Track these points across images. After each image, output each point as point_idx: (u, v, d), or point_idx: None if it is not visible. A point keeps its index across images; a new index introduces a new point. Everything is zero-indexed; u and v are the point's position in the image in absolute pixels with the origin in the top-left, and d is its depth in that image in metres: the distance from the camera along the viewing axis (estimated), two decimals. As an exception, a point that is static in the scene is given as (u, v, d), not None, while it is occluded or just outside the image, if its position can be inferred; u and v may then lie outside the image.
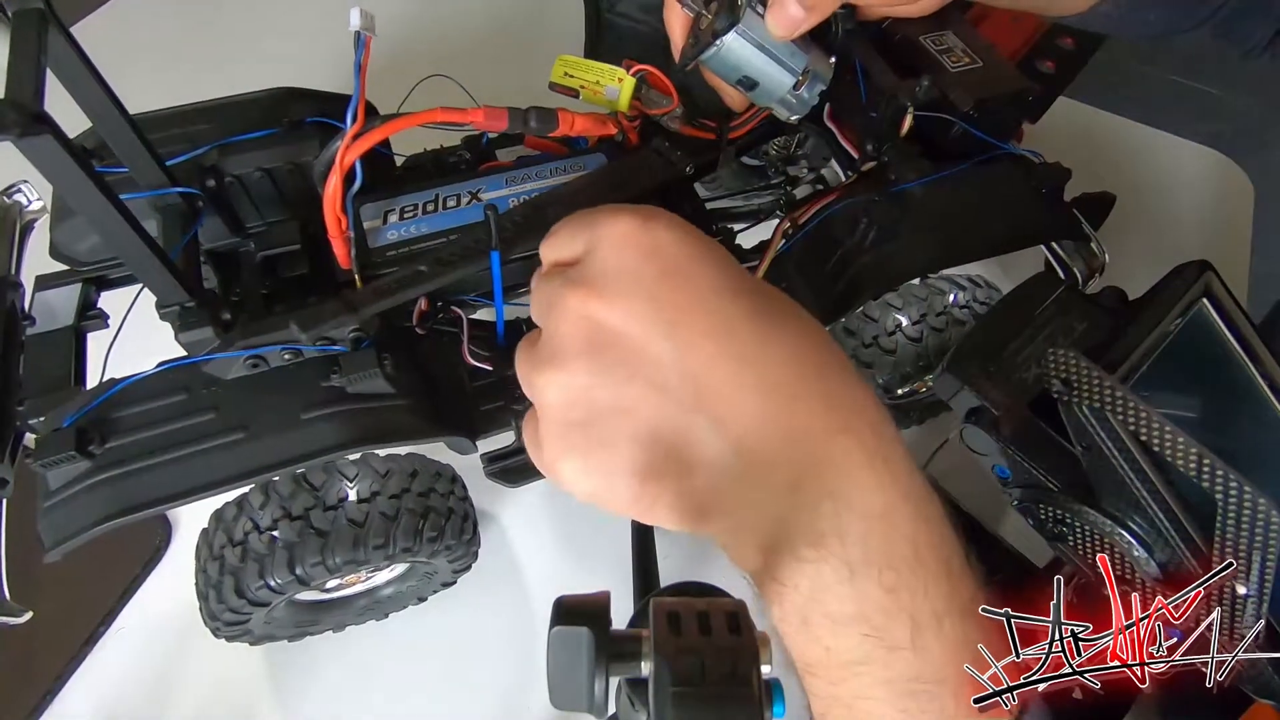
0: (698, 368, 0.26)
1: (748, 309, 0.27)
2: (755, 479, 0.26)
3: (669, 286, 0.27)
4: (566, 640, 0.27)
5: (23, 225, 0.46)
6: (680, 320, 0.27)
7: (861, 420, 0.27)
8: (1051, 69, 0.55)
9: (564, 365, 0.27)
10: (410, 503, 0.48)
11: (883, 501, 0.26)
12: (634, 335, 0.27)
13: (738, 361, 0.26)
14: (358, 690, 0.57)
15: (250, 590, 0.45)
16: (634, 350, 0.27)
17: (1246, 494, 0.26)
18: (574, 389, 0.27)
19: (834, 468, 0.26)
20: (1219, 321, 0.37)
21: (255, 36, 0.97)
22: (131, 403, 0.40)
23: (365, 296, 0.39)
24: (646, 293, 0.27)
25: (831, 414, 0.26)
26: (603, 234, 0.28)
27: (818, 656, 0.26)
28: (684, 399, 0.26)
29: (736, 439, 0.26)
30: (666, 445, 0.27)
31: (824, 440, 0.26)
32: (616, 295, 0.27)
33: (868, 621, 0.25)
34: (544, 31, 0.94)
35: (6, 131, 0.28)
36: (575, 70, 0.48)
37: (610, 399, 0.27)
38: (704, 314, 0.27)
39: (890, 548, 0.25)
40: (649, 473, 0.27)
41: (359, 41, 0.39)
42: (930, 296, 0.59)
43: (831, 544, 0.25)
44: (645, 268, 0.27)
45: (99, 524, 0.38)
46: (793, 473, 0.26)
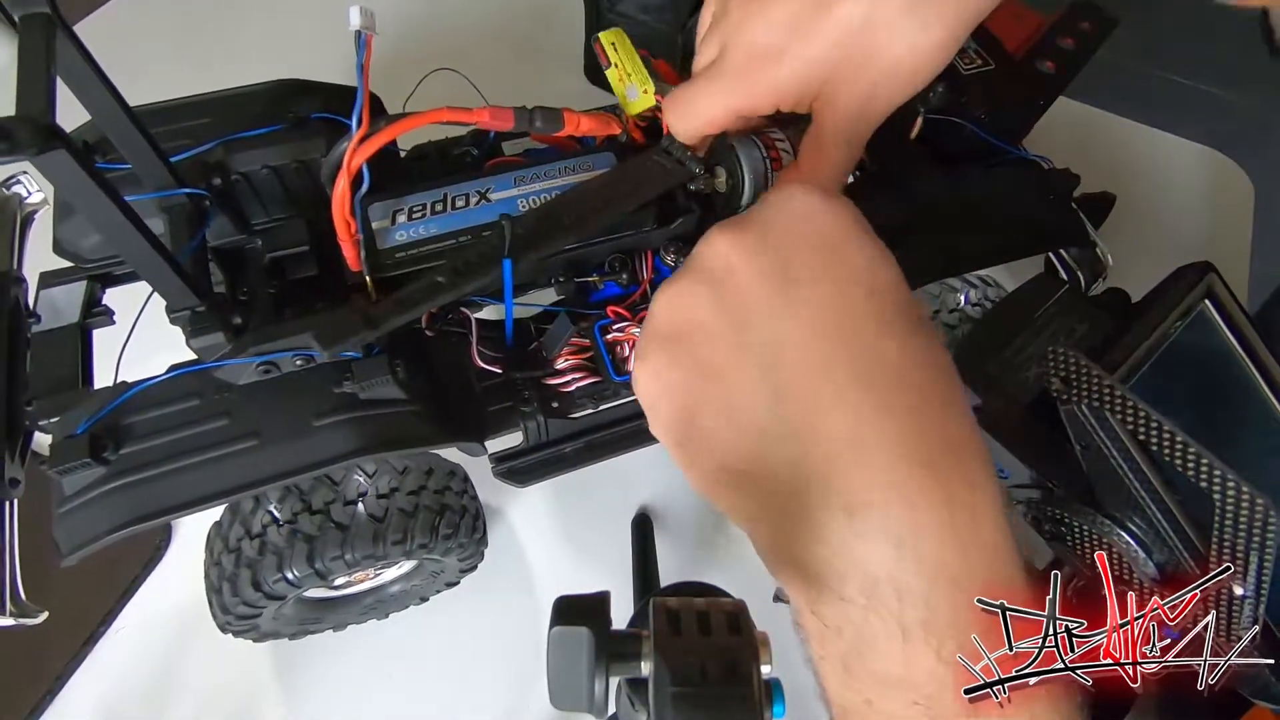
0: (790, 332, 0.25)
1: (877, 307, 0.26)
2: (804, 475, 0.24)
3: (811, 257, 0.26)
4: (566, 640, 0.27)
5: (23, 217, 0.46)
6: (800, 286, 0.26)
7: (955, 463, 0.23)
8: (1052, 69, 0.55)
9: (684, 282, 0.28)
10: (427, 500, 0.49)
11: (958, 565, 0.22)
12: (745, 283, 0.26)
13: (834, 347, 0.25)
14: (358, 690, 0.58)
15: (267, 583, 0.45)
16: (739, 295, 0.26)
17: (1245, 494, 0.26)
18: (676, 302, 0.28)
19: (906, 506, 0.22)
20: (1221, 323, 0.37)
21: (257, 32, 0.96)
22: (144, 408, 0.40)
23: (384, 311, 0.39)
24: (785, 253, 0.27)
25: (919, 441, 0.23)
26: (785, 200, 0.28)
27: (856, 706, 0.24)
28: (761, 354, 0.25)
29: (797, 424, 0.24)
30: (722, 384, 0.26)
31: (900, 467, 0.23)
32: (755, 246, 0.27)
33: (918, 690, 0.22)
34: (547, 27, 0.94)
35: (23, 151, 0.28)
36: (622, 50, 0.47)
37: (698, 321, 0.27)
38: (827, 291, 0.26)
39: (956, 618, 0.22)
40: (697, 402, 0.27)
41: (360, 41, 0.38)
42: (944, 294, 0.59)
43: (886, 596, 0.22)
44: (802, 234, 0.27)
45: (115, 530, 0.38)
46: (853, 490, 0.23)
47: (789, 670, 0.29)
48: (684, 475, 0.28)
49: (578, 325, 0.46)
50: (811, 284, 0.26)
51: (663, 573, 0.60)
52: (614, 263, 0.47)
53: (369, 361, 0.40)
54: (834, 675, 0.24)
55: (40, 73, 0.30)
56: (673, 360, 0.27)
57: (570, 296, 0.48)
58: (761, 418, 0.25)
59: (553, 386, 0.47)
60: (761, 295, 0.26)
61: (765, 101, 0.38)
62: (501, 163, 0.49)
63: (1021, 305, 0.42)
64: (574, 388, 0.47)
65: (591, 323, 0.47)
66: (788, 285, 0.26)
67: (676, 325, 0.28)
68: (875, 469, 0.23)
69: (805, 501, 0.24)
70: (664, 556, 0.62)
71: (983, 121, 0.49)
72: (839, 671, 0.24)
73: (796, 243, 0.27)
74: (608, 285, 0.48)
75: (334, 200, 0.40)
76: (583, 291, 0.48)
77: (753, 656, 0.27)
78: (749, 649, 0.27)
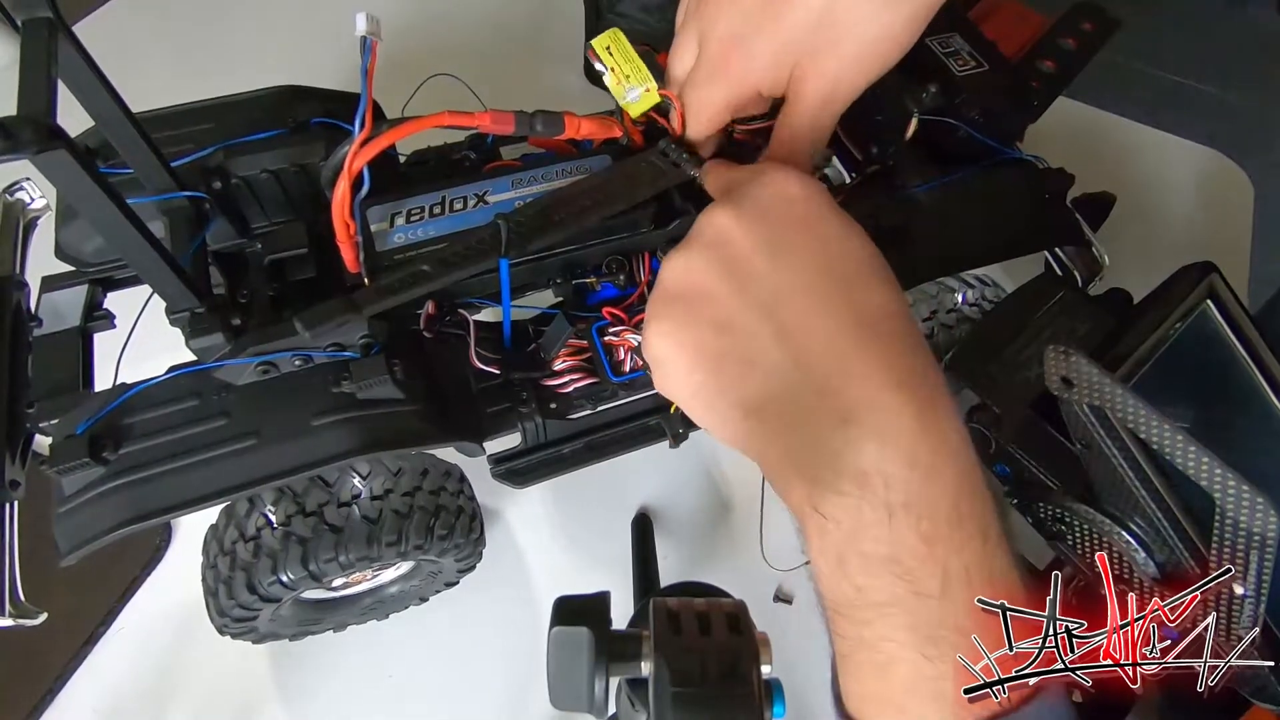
0: (784, 286, 0.30)
1: (853, 268, 0.31)
2: (807, 400, 0.28)
3: (794, 229, 0.31)
4: (566, 640, 0.27)
5: (25, 223, 0.47)
6: (788, 251, 0.31)
7: (922, 382, 0.28)
8: (1052, 69, 0.55)
9: (687, 250, 0.32)
10: (422, 500, 0.48)
11: (929, 457, 0.27)
12: (746, 248, 0.31)
13: (821, 297, 0.30)
14: (358, 690, 0.58)
15: (262, 585, 0.45)
16: (740, 259, 0.31)
17: (1245, 493, 0.26)
18: (683, 270, 0.32)
19: (887, 414, 0.27)
20: (1222, 324, 0.37)
21: (256, 35, 0.97)
22: (143, 408, 0.40)
23: (369, 296, 0.39)
24: (772, 226, 0.31)
25: (894, 368, 0.28)
26: (767, 177, 0.33)
27: (848, 596, 0.27)
28: (763, 304, 0.30)
29: (796, 354, 0.29)
30: (734, 336, 0.30)
31: (881, 387, 0.28)
32: (749, 219, 0.32)
33: (900, 564, 0.26)
34: (546, 30, 0.94)
35: (24, 149, 0.28)
36: (618, 52, 0.47)
37: (705, 285, 0.31)
38: (811, 255, 0.31)
39: (931, 500, 0.26)
40: (710, 354, 0.31)
41: (365, 46, 0.38)
42: (941, 294, 0.59)
43: (875, 483, 0.26)
44: (785, 210, 0.32)
45: (115, 530, 0.38)
46: (844, 406, 0.28)
47: (789, 670, 0.29)
48: (699, 421, 0.32)
49: (575, 327, 0.46)
50: (797, 248, 0.31)
51: (663, 573, 0.60)
52: (611, 264, 0.47)
53: (367, 361, 0.40)
54: (829, 570, 0.27)
55: (42, 75, 0.30)
56: (684, 320, 0.31)
57: (568, 298, 0.48)
58: (768, 357, 0.29)
59: (551, 388, 0.47)
60: (757, 260, 0.31)
61: (746, 89, 0.41)
62: (499, 167, 0.49)
63: (1022, 305, 0.42)
64: (572, 389, 0.47)
65: (589, 324, 0.47)
66: (778, 251, 0.31)
67: (685, 289, 0.32)
68: (861, 388, 0.28)
69: (806, 419, 0.28)
70: (664, 556, 0.62)
71: (977, 122, 0.49)
72: (834, 564, 0.27)
73: (781, 217, 0.32)
74: (605, 287, 0.48)
75: (334, 202, 0.40)
76: (580, 293, 0.48)
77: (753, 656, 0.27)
78: (749, 649, 0.27)
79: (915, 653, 0.26)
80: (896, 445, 0.27)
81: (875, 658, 0.27)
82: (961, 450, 0.28)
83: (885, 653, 0.27)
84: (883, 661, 0.27)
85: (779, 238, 0.31)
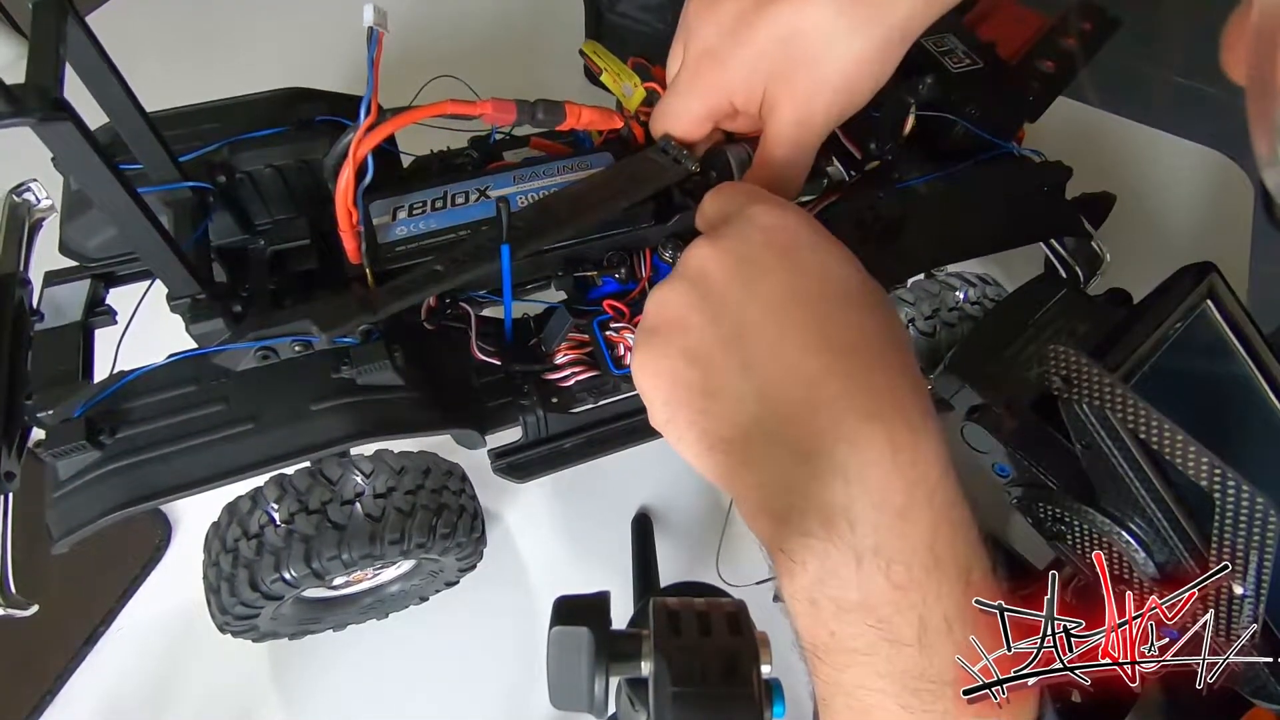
0: (753, 315, 0.30)
1: (830, 292, 0.30)
2: (771, 431, 0.28)
3: (770, 258, 0.31)
4: (566, 640, 0.27)
5: (31, 223, 0.47)
6: (761, 281, 0.30)
7: (897, 413, 0.27)
8: (1051, 69, 0.55)
9: (669, 284, 0.33)
10: (424, 499, 0.48)
11: (902, 498, 0.26)
12: (720, 281, 0.31)
13: (792, 325, 0.29)
14: (358, 690, 0.58)
15: (265, 583, 0.45)
16: (714, 292, 0.31)
17: (1245, 493, 0.26)
18: (662, 303, 0.33)
19: (854, 450, 0.26)
20: (1223, 324, 0.37)
21: (258, 34, 0.97)
22: (142, 394, 0.40)
23: (383, 297, 0.39)
24: (749, 259, 0.31)
25: (865, 398, 0.27)
26: (750, 210, 0.33)
27: (823, 640, 0.26)
28: (728, 335, 0.30)
29: (761, 384, 0.28)
30: (702, 368, 0.30)
31: (849, 419, 0.26)
32: (728, 252, 0.32)
33: (873, 613, 0.25)
34: (546, 31, 0.94)
35: (28, 114, 0.28)
36: (603, 57, 0.50)
37: (680, 317, 0.32)
38: (783, 283, 0.30)
39: (904, 545, 0.25)
40: (680, 384, 0.31)
41: (372, 37, 0.39)
42: (942, 292, 0.59)
43: (840, 527, 0.25)
44: (762, 240, 0.32)
45: (108, 513, 0.38)
46: (808, 440, 0.27)
47: (789, 670, 0.29)
48: (677, 451, 0.32)
49: (576, 320, 0.47)
50: (769, 277, 0.31)
51: (663, 573, 0.60)
52: (612, 259, 0.47)
53: (367, 347, 0.40)
54: (803, 612, 0.27)
55: (50, 52, 0.30)
56: (660, 351, 0.32)
57: (569, 292, 0.49)
58: (734, 389, 0.29)
59: (552, 381, 0.47)
60: (730, 290, 0.31)
61: (718, 102, 0.41)
62: (501, 166, 0.49)
63: (1023, 305, 0.42)
64: (573, 382, 0.47)
65: (590, 318, 0.47)
66: (750, 281, 0.31)
67: (663, 321, 0.32)
68: (826, 420, 0.27)
69: (770, 453, 0.28)
70: (664, 556, 0.62)
71: (975, 118, 0.49)
72: (806, 607, 0.26)
73: (758, 248, 0.32)
74: (606, 281, 0.48)
75: (338, 190, 0.41)
76: (581, 287, 0.49)
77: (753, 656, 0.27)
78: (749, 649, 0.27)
79: (893, 702, 0.25)
80: (864, 483, 0.25)
81: (853, 704, 0.26)
82: (941, 485, 0.26)
83: (862, 700, 0.26)
84: (860, 709, 0.26)
85: (753, 270, 0.31)
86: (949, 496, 0.27)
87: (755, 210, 0.33)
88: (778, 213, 0.32)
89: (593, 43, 0.50)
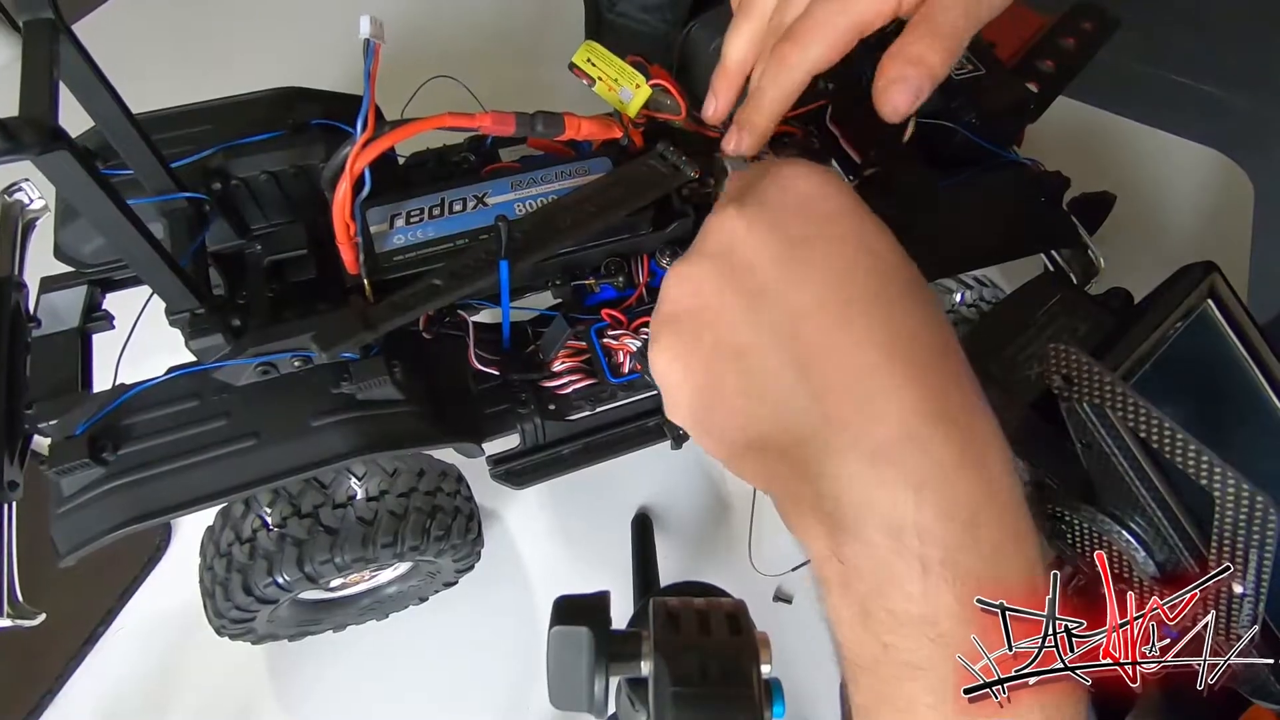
0: (800, 302, 0.26)
1: (882, 278, 0.27)
2: (830, 435, 0.25)
3: (811, 233, 0.27)
4: (566, 640, 0.27)
5: (24, 224, 0.47)
6: (805, 260, 0.27)
7: (967, 415, 0.25)
8: (1051, 69, 0.55)
9: (690, 262, 0.29)
10: (418, 501, 0.48)
11: (971, 506, 0.24)
12: (754, 260, 0.27)
13: (846, 317, 0.26)
14: (358, 690, 0.58)
15: (258, 587, 0.45)
16: (749, 272, 0.27)
17: (1245, 491, 0.26)
18: (687, 283, 0.29)
19: (924, 454, 0.24)
20: (1223, 323, 0.37)
21: (256, 36, 0.97)
22: (143, 409, 0.40)
23: (382, 313, 0.39)
24: (785, 230, 0.28)
25: (933, 399, 0.24)
26: (777, 172, 0.29)
27: (873, 652, 0.24)
28: (776, 325, 0.26)
29: (817, 384, 0.25)
30: (743, 363, 0.27)
31: (918, 423, 0.24)
32: (759, 222, 0.28)
33: (936, 626, 0.23)
34: (545, 31, 0.94)
35: (25, 150, 0.28)
36: (599, 61, 0.48)
37: (711, 303, 0.28)
38: (831, 264, 0.27)
39: (972, 556, 0.23)
40: (715, 381, 0.27)
41: (369, 49, 0.39)
42: (939, 295, 0.59)
43: (907, 535, 0.23)
44: (792, 209, 0.28)
45: (113, 530, 0.38)
46: (874, 443, 0.24)
47: (789, 670, 0.29)
48: (707, 450, 0.29)
49: (574, 328, 0.46)
50: (814, 254, 0.27)
51: (663, 573, 0.60)
52: (610, 266, 0.47)
53: (366, 362, 0.40)
54: (851, 622, 0.24)
55: (43, 76, 0.30)
56: (688, 341, 0.28)
57: (567, 299, 0.48)
58: (786, 388, 0.26)
59: (550, 389, 0.47)
60: (770, 270, 0.27)
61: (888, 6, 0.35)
62: (499, 168, 0.49)
63: (1023, 305, 0.42)
64: (571, 390, 0.47)
65: (588, 326, 0.47)
66: (792, 261, 0.27)
67: (690, 306, 0.29)
68: (895, 423, 0.24)
69: (829, 456, 0.25)
70: (664, 556, 0.61)
71: (974, 126, 0.49)
72: (857, 617, 0.24)
73: (795, 219, 0.28)
74: (604, 288, 0.48)
75: (335, 203, 0.40)
76: (579, 294, 0.48)
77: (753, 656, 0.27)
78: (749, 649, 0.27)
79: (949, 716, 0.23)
80: (935, 491, 0.23)
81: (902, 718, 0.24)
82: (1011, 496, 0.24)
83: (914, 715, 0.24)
84: None
85: (793, 244, 0.27)
86: (1015, 502, 0.25)
87: (787, 172, 0.29)
88: (816, 177, 0.29)
89: (586, 48, 0.48)
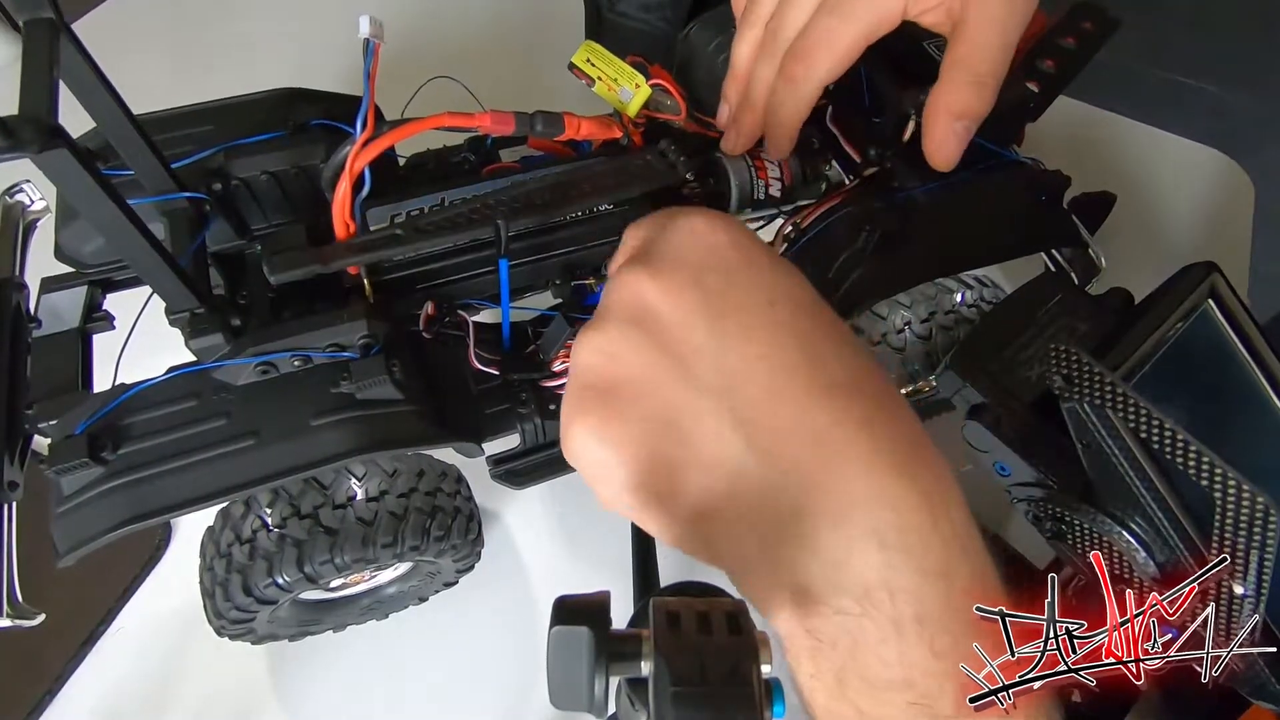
0: (735, 365, 0.25)
1: (807, 320, 0.26)
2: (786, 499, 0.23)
3: (723, 284, 0.26)
4: (566, 640, 0.27)
5: (25, 225, 0.47)
6: (727, 316, 0.25)
7: (922, 464, 0.24)
8: (1051, 69, 0.55)
9: (603, 329, 0.27)
10: (418, 502, 0.48)
11: (941, 557, 0.23)
12: (676, 320, 0.26)
13: (781, 370, 0.24)
14: (358, 690, 0.58)
15: (258, 588, 0.45)
16: (672, 334, 0.26)
17: (1245, 492, 0.26)
18: (604, 353, 0.27)
19: (889, 510, 0.23)
20: (1224, 324, 0.37)
21: (256, 36, 0.97)
22: (143, 408, 0.40)
23: (338, 251, 0.40)
24: (699, 284, 0.26)
25: (891, 450, 0.23)
26: (675, 224, 0.28)
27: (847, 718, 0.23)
28: (712, 387, 0.25)
29: (766, 444, 0.24)
30: (679, 435, 0.25)
31: (878, 477, 0.23)
32: (670, 279, 0.26)
33: (914, 688, 0.22)
34: (545, 31, 0.94)
35: (25, 148, 0.28)
36: (598, 60, 0.48)
37: (636, 372, 0.26)
38: (752, 317, 0.26)
39: (946, 609, 0.22)
40: (650, 459, 0.25)
41: (368, 49, 0.39)
42: (939, 295, 0.59)
43: (879, 597, 0.22)
44: (705, 261, 0.27)
45: (113, 530, 0.38)
46: (835, 504, 0.23)
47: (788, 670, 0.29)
48: (654, 532, 0.27)
49: (574, 328, 0.46)
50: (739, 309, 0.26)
51: (663, 573, 0.60)
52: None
53: (366, 362, 0.40)
54: (826, 692, 0.24)
55: (43, 76, 0.30)
56: (618, 416, 0.26)
57: (567, 299, 0.49)
58: (731, 453, 0.24)
59: (550, 389, 0.47)
60: (693, 330, 0.25)
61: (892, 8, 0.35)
62: (499, 168, 0.49)
63: (1023, 304, 0.42)
64: (571, 390, 0.47)
65: None
66: (719, 314, 0.25)
67: (611, 377, 0.26)
68: (853, 479, 0.23)
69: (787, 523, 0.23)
70: (664, 556, 0.61)
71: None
72: (831, 686, 0.23)
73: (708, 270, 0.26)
74: (603, 288, 0.48)
75: (335, 203, 0.41)
76: (579, 294, 0.49)
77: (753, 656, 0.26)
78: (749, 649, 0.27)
79: None
80: (904, 548, 0.22)
81: None
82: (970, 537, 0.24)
83: None
84: None
85: (714, 298, 0.26)
86: (979, 547, 0.24)
87: (694, 224, 0.28)
88: (720, 223, 0.28)
89: (586, 48, 0.49)
